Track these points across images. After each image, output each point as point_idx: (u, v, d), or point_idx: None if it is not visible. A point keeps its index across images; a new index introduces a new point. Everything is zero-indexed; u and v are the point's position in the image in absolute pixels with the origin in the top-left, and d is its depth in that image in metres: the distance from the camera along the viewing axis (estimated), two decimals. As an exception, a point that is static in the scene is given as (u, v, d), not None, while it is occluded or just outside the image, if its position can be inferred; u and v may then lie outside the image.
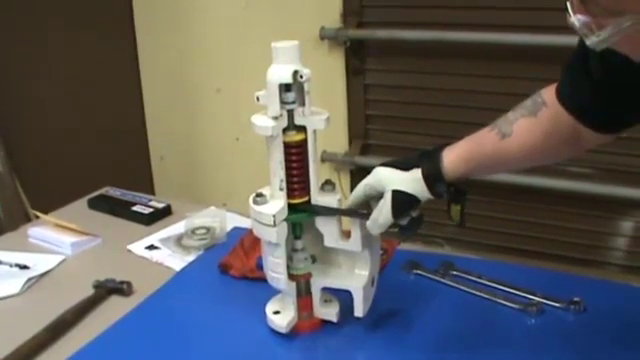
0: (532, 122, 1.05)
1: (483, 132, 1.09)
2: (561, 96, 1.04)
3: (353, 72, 2.59)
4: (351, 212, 1.14)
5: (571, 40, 1.03)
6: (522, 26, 2.24)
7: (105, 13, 2.78)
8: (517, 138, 1.05)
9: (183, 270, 1.44)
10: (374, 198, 1.12)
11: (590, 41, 0.71)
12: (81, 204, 1.79)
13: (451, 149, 1.08)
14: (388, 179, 1.09)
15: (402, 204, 1.07)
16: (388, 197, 1.07)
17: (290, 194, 1.13)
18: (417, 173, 1.07)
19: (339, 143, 2.64)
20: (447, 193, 1.08)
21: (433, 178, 1.07)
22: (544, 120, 1.05)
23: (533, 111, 1.06)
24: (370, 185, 1.11)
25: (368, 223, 1.10)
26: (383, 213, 1.07)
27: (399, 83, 2.54)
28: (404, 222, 1.09)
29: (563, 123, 1.04)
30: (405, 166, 1.09)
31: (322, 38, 2.52)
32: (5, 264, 1.48)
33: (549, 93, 1.06)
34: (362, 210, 1.13)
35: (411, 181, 1.08)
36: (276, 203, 1.12)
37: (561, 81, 1.06)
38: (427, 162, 1.08)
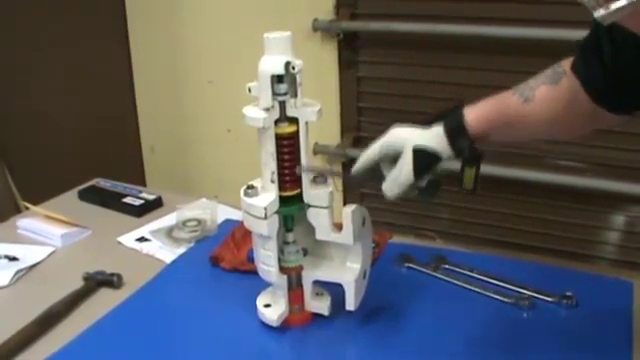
0: (553, 90, 1.04)
1: (505, 95, 1.07)
2: (577, 74, 1.03)
3: (346, 64, 2.58)
4: (364, 176, 1.11)
5: (567, 34, 1.02)
6: (516, 19, 2.23)
7: (97, 3, 2.76)
8: (539, 103, 1.04)
9: (173, 262, 1.44)
10: (388, 160, 1.08)
11: (598, 14, 0.70)
12: (71, 195, 1.78)
13: (472, 108, 1.06)
14: (407, 136, 1.06)
15: (423, 161, 1.04)
16: (409, 155, 1.04)
17: (282, 186, 1.12)
18: (438, 129, 1.05)
19: (331, 135, 2.63)
20: (468, 151, 1.04)
21: (456, 132, 1.04)
22: (565, 90, 1.03)
23: (554, 80, 1.04)
24: (388, 144, 1.07)
25: (386, 184, 1.07)
26: (403, 172, 1.04)
27: (392, 75, 2.54)
28: (422, 184, 1.05)
29: (581, 96, 1.02)
30: (424, 125, 1.06)
31: (315, 30, 2.51)
32: (-6, 255, 1.47)
33: (569, 65, 1.04)
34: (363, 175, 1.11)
35: (432, 137, 1.05)
36: (267, 195, 1.11)
37: (576, 59, 1.04)
38: (449, 118, 1.05)
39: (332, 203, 1.14)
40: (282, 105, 1.09)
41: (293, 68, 1.05)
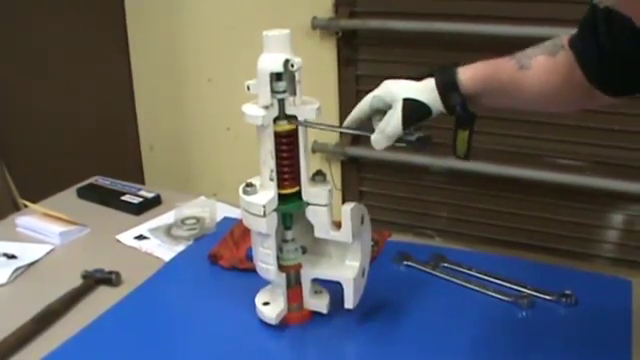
0: (550, 61, 1.03)
1: (501, 60, 1.06)
2: (574, 49, 1.02)
3: (345, 62, 2.58)
4: (352, 129, 1.11)
5: (567, 33, 1.02)
6: (515, 17, 2.23)
7: (96, 3, 2.76)
8: (534, 72, 1.03)
9: (172, 260, 1.43)
10: (379, 113, 1.08)
11: None
12: (70, 193, 1.78)
13: (467, 67, 1.05)
14: (398, 89, 1.06)
15: (413, 113, 1.03)
16: (398, 105, 1.04)
17: (280, 184, 1.12)
18: (430, 83, 1.05)
19: (330, 134, 2.63)
20: (459, 107, 1.04)
21: (448, 87, 1.04)
22: (562, 63, 1.02)
23: (552, 52, 1.04)
24: (379, 96, 1.07)
25: (374, 136, 1.06)
26: (392, 122, 1.04)
27: (391, 74, 2.48)
28: (412, 138, 1.04)
29: (577, 71, 1.01)
30: (417, 79, 1.06)
31: (314, 28, 2.51)
32: (-8, 253, 1.46)
33: (567, 39, 1.04)
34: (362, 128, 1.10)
35: (423, 90, 1.05)
36: (266, 193, 1.11)
37: (575, 35, 1.03)
38: (441, 73, 1.05)
39: (331, 201, 1.14)
40: (281, 103, 1.08)
41: (292, 66, 1.05)
